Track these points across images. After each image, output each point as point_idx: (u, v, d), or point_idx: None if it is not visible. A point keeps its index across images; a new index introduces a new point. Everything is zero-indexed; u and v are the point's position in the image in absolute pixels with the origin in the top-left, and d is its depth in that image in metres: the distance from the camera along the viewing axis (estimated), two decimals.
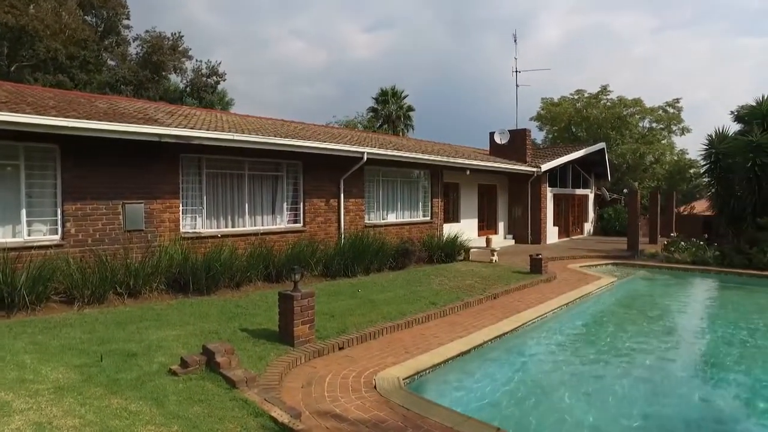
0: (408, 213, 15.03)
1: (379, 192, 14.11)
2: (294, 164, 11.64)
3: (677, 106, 34.45)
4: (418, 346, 6.37)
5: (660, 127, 35.17)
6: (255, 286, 9.24)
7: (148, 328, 6.29)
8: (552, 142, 37.36)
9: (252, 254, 9.64)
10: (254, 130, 10.72)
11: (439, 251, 13.34)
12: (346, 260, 10.78)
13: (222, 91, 37.39)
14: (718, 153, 15.93)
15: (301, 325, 5.98)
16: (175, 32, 34.81)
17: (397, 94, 41.33)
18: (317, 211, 12.03)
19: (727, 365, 6.79)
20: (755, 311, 10.17)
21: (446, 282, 10.44)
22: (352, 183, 12.75)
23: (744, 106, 17.80)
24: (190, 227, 9.85)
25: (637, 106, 34.44)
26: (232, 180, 10.67)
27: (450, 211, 17.60)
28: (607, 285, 11.30)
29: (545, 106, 38.08)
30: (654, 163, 33.70)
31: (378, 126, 40.80)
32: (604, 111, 34.66)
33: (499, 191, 20.45)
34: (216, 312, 7.31)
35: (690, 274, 14.00)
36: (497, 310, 8.44)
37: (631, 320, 9.39)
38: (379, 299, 8.58)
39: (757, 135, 15.06)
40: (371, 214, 13.77)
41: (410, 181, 15.13)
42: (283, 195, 11.54)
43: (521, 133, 20.63)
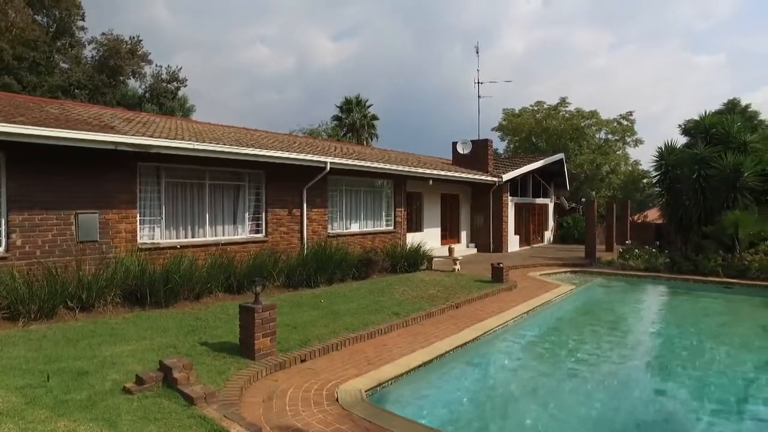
0: (371, 223, 15.06)
1: (343, 202, 14.09)
2: (256, 174, 11.50)
3: (630, 119, 35.94)
4: (380, 357, 6.36)
5: (615, 139, 36.57)
6: (216, 298, 9.06)
7: (101, 343, 6.06)
8: (513, 152, 38.24)
9: (213, 265, 9.45)
10: (216, 139, 10.55)
11: (402, 261, 13.41)
12: (309, 270, 10.70)
13: (183, 97, 36.64)
14: (667, 164, 16.65)
15: (263, 338, 5.89)
16: (134, 36, 33.96)
17: (361, 103, 41.52)
18: (280, 221, 11.91)
19: (676, 368, 7.07)
20: (700, 316, 10.67)
21: (409, 292, 10.49)
22: (315, 193, 12.69)
23: (690, 120, 18.75)
24: (148, 238, 9.57)
25: (594, 118, 35.72)
26: (193, 189, 10.44)
27: (413, 221, 17.73)
28: (566, 293, 11.60)
29: (507, 116, 38.98)
30: (610, 173, 34.96)
31: (342, 135, 40.83)
32: (563, 122, 35.76)
33: (462, 201, 20.76)
34: (174, 325, 7.11)
35: (643, 280, 14.54)
36: (459, 320, 8.54)
37: (589, 327, 9.67)
38: (341, 310, 8.55)
39: (701, 148, 15.87)
40: (334, 224, 13.73)
41: (374, 191, 15.18)
42: (245, 205, 11.38)
43: (483, 143, 21.04)
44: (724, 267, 13.83)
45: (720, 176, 15.24)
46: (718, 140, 16.28)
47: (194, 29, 70.82)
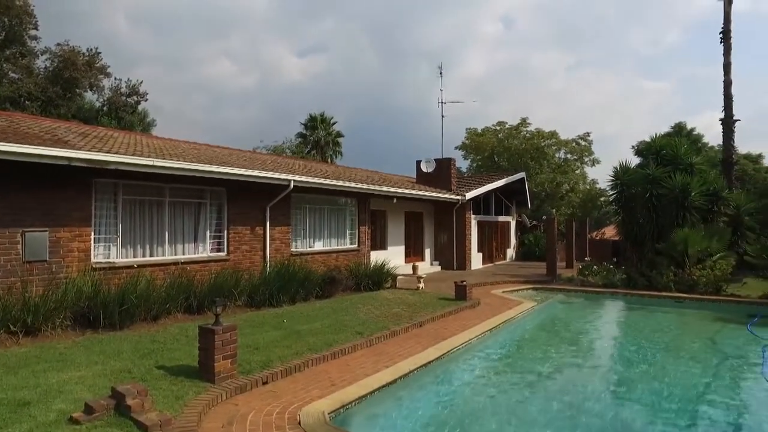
0: (335, 241, 14.98)
1: (306, 219, 13.98)
2: (218, 191, 11.29)
3: (588, 139, 37.30)
4: (344, 377, 6.28)
5: (574, 158, 37.81)
6: (174, 319, 8.77)
7: (46, 370, 5.74)
8: (476, 170, 38.96)
9: (172, 285, 9.18)
10: (177, 156, 10.33)
11: (366, 279, 13.36)
12: (272, 289, 10.53)
13: (143, 112, 35.71)
14: (622, 184, 17.31)
15: (223, 360, 5.72)
16: (92, 47, 33.01)
17: (326, 120, 41.55)
18: (242, 240, 11.70)
19: (633, 381, 7.26)
20: (654, 330, 11.03)
21: (373, 310, 10.44)
22: (278, 210, 12.54)
23: (642, 141, 19.61)
24: (104, 257, 9.21)
25: (554, 138, 36.88)
26: (152, 207, 10.15)
27: (377, 239, 17.74)
28: (527, 310, 11.79)
29: (470, 135, 39.77)
30: (569, 191, 36.06)
31: (306, 152, 40.68)
32: (524, 142, 36.75)
33: (426, 219, 20.93)
34: (129, 348, 6.83)
35: (602, 296, 14.95)
36: (423, 338, 8.54)
37: (550, 344, 9.84)
38: (304, 330, 8.42)
39: (653, 169, 16.61)
40: (298, 242, 13.59)
41: (337, 209, 15.13)
42: (207, 223, 11.13)
43: (446, 162, 21.35)
44: (676, 282, 14.40)
45: (670, 195, 15.95)
46: (668, 161, 17.07)
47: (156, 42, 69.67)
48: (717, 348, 9.45)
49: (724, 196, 17.02)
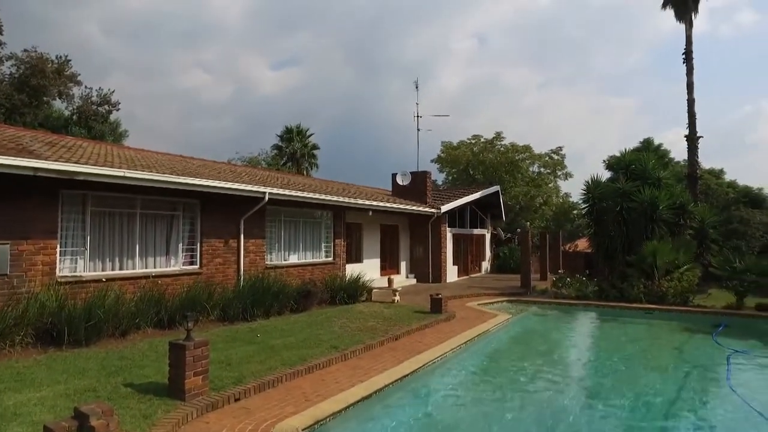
0: (310, 253, 14.87)
1: (281, 232, 13.85)
2: (192, 203, 11.10)
3: (561, 154, 38.10)
4: (318, 392, 6.19)
5: (547, 172, 38.53)
6: (144, 334, 8.54)
7: (3, 391, 5.48)
8: (451, 183, 39.31)
9: (142, 299, 8.96)
10: (149, 167, 10.13)
11: (341, 292, 13.27)
12: (246, 303, 10.37)
13: (115, 121, 34.98)
14: (594, 197, 17.68)
15: (194, 377, 5.58)
16: (62, 55, 32.29)
17: (302, 132, 41.45)
18: (215, 252, 11.50)
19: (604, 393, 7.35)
20: (625, 341, 11.24)
21: (348, 324, 10.36)
22: (253, 223, 12.40)
23: (612, 156, 20.10)
24: (70, 271, 8.93)
25: (527, 152, 37.54)
26: (122, 219, 9.92)
27: (353, 252, 17.67)
28: (502, 322, 11.87)
29: (445, 149, 40.17)
30: (543, 204, 36.66)
31: (282, 164, 40.46)
32: (499, 156, 37.30)
33: (401, 231, 20.97)
34: (95, 366, 6.60)
35: (575, 308, 15.16)
36: (399, 352, 8.50)
37: (525, 356, 9.91)
38: (278, 344, 8.29)
39: (623, 183, 17.03)
40: (272, 255, 13.43)
41: (313, 222, 15.04)
42: (179, 235, 10.92)
43: (422, 175, 21.50)
44: (646, 294, 14.72)
45: (639, 209, 16.36)
46: (637, 176, 17.53)
47: (130, 51, 68.58)
48: (684, 358, 9.66)
49: (690, 210, 17.55)
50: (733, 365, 8.67)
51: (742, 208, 22.46)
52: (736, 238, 20.56)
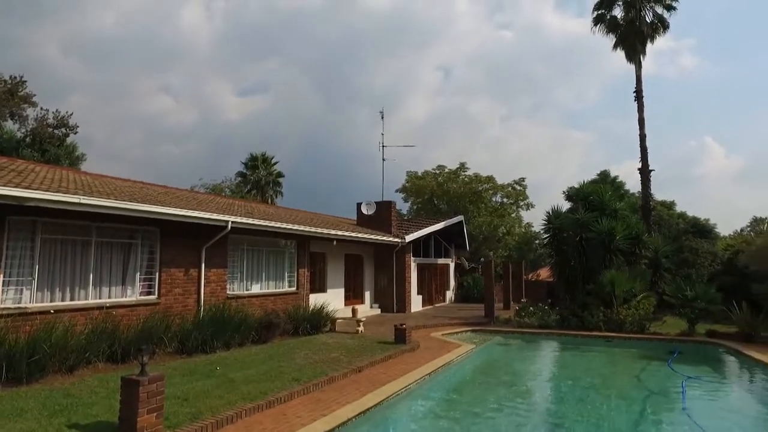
0: (273, 283, 14.60)
1: (244, 262, 13.59)
2: (151, 231, 10.80)
3: (523, 184, 39.05)
4: (279, 428, 5.99)
5: (510, 202, 39.37)
6: (95, 369, 8.11)
7: None
8: (416, 213, 39.62)
9: (94, 331, 8.54)
10: (107, 193, 9.83)
11: (304, 323, 13.04)
12: (205, 335, 10.04)
13: (72, 145, 33.80)
14: (555, 228, 18.15)
15: (147, 414, 5.31)
16: (16, 75, 31.21)
17: (267, 160, 41.20)
18: (175, 282, 11.16)
19: (566, 421, 7.40)
20: (586, 369, 11.42)
21: (311, 356, 10.15)
22: (214, 252, 12.12)
23: (572, 187, 20.76)
24: (14, 302, 8.46)
25: (491, 182, 38.34)
26: (76, 247, 9.52)
27: (317, 281, 17.47)
28: (466, 352, 11.86)
29: (410, 179, 40.58)
30: (506, 234, 37.31)
31: (246, 191, 39.97)
32: (463, 186, 37.93)
33: (366, 261, 20.90)
34: (36, 406, 6.19)
35: (538, 337, 15.34)
36: (362, 384, 8.36)
37: (488, 387, 9.91)
38: (239, 377, 8.03)
39: (582, 213, 17.59)
40: (234, 285, 13.14)
41: (277, 251, 14.83)
42: (137, 264, 10.55)
43: (387, 205, 21.62)
44: (605, 322, 15.06)
45: (598, 239, 16.88)
46: (595, 207, 18.15)
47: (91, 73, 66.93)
48: (643, 385, 9.85)
49: (645, 240, 18.22)
50: (688, 390, 8.95)
51: (692, 238, 23.48)
52: (687, 267, 21.42)
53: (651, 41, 24.39)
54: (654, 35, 24.34)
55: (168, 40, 70.17)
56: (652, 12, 24.20)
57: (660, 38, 24.58)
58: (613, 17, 24.74)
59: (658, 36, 24.44)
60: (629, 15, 24.11)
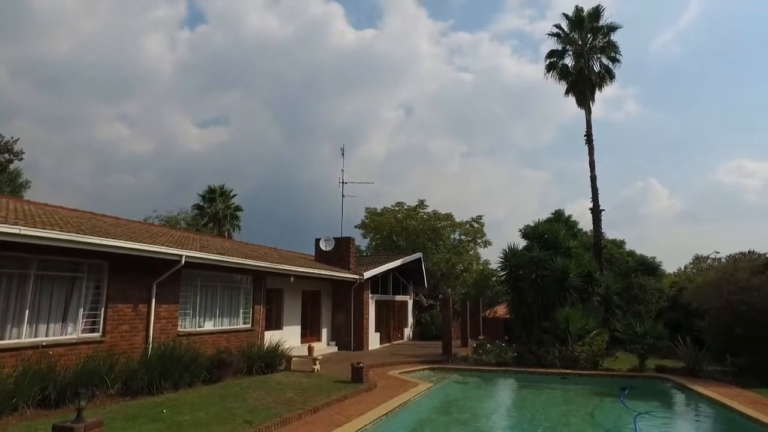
0: (228, 320, 14.13)
1: (197, 297, 13.12)
2: (99, 265, 10.30)
3: (480, 222, 39.89)
4: None
5: (468, 240, 40.01)
6: (22, 417, 7.47)
7: None
8: (375, 249, 39.64)
9: (25, 373, 7.91)
10: (52, 224, 9.35)
11: (259, 361, 12.61)
12: (153, 374, 9.54)
13: (15, 171, 32.33)
14: (511, 265, 18.49)
15: None
16: None
17: (225, 193, 40.56)
18: (122, 318, 10.61)
19: None
20: (542, 407, 11.48)
21: (265, 396, 9.78)
22: (166, 287, 11.67)
23: (528, 226, 21.29)
24: None
25: (449, 220, 38.97)
26: (11, 281, 8.94)
27: (273, 318, 17.04)
28: (423, 391, 11.71)
29: (369, 215, 40.76)
30: (464, 271, 37.72)
31: (203, 224, 39.05)
32: (422, 223, 38.36)
33: (324, 298, 20.59)
34: None
35: (495, 375, 15.36)
36: (317, 426, 8.08)
37: (446, 426, 9.78)
38: (187, 421, 7.62)
39: (537, 251, 18.02)
40: (186, 321, 12.63)
41: (232, 287, 14.42)
42: (81, 299, 9.99)
43: (346, 241, 21.54)
44: (561, 359, 15.26)
45: (552, 277, 17.28)
46: (550, 245, 18.65)
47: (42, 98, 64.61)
48: (596, 422, 9.95)
49: (597, 278, 18.78)
50: (639, 425, 9.14)
51: (640, 275, 24.37)
52: (636, 303, 22.15)
53: (599, 89, 25.81)
54: (602, 83, 25.78)
55: (127, 68, 68.97)
56: (599, 63, 25.71)
57: (607, 86, 26.07)
58: (565, 65, 26.13)
59: (605, 84, 25.89)
60: (579, 64, 25.53)
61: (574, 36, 25.89)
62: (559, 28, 26.11)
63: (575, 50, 25.78)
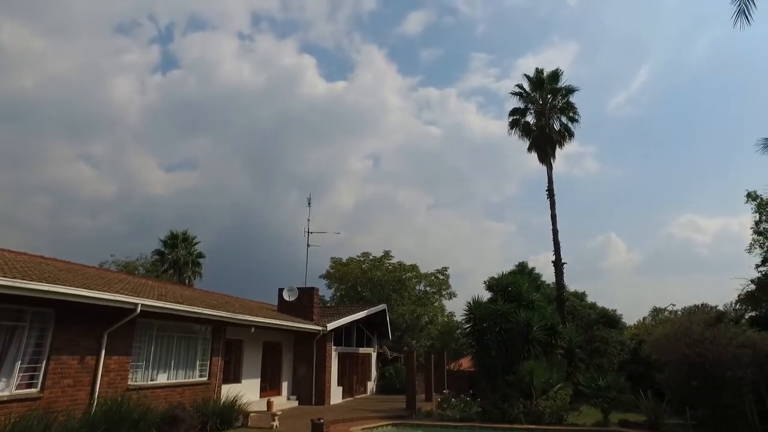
0: (183, 373, 13.43)
1: (152, 348, 12.48)
2: (44, 313, 9.70)
3: (446, 273, 40.01)
4: None
5: (433, 291, 39.94)
6: None
7: None
8: (339, 300, 39.06)
9: None
10: None
11: (214, 417, 11.99)
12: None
13: None
14: (475, 318, 18.45)
15: None
16: None
17: (188, 239, 39.58)
18: (66, 372, 9.93)
19: None
20: None
21: None
22: (119, 337, 11.08)
23: (492, 278, 21.47)
24: None
25: (414, 271, 38.97)
26: None
27: (231, 371, 16.31)
28: None
29: (335, 265, 40.37)
30: (429, 323, 37.43)
31: (163, 270, 37.79)
32: (387, 274, 38.20)
33: (285, 349, 19.95)
34: None
35: (460, 430, 14.95)
36: None
37: None
38: None
39: (501, 304, 18.11)
40: (138, 374, 11.94)
41: (189, 337, 13.82)
42: (20, 351, 9.29)
43: (309, 291, 21.17)
44: (526, 413, 15.04)
45: (516, 329, 17.30)
46: (513, 297, 18.78)
47: None
48: None
49: (560, 331, 18.91)
50: None
51: (602, 327, 24.73)
52: (599, 356, 22.34)
53: (560, 146, 26.98)
54: (562, 141, 26.99)
55: (94, 108, 68.12)
56: (559, 122, 27.02)
57: (568, 144, 27.28)
58: (527, 123, 27.32)
59: (565, 142, 27.11)
60: (540, 122, 26.75)
61: (535, 96, 27.26)
62: (522, 88, 27.49)
63: (537, 109, 27.07)
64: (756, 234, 18.80)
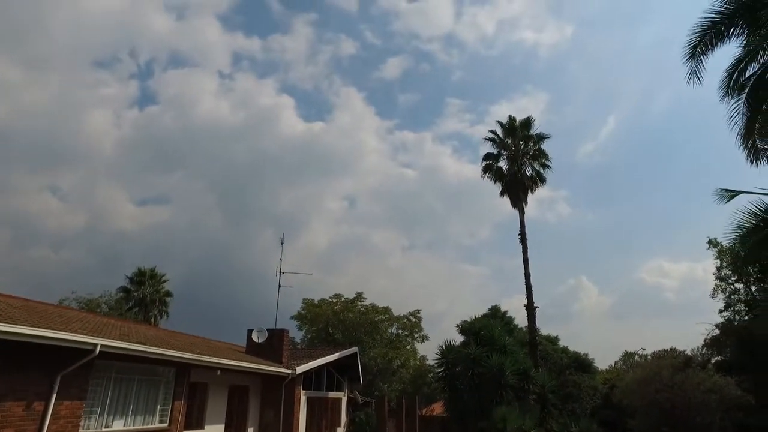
0: (141, 418, 12.73)
1: (109, 392, 11.82)
2: None
3: (418, 316, 39.65)
4: None
5: (405, 334, 39.41)
6: None
7: None
8: (310, 342, 38.17)
9: None
10: None
11: None
12: None
13: None
14: (448, 362, 18.25)
15: None
16: None
17: (156, 276, 38.49)
18: (7, 420, 9.20)
19: None
20: None
21: None
22: (73, 380, 10.46)
23: (465, 321, 21.39)
24: None
25: (387, 314, 38.52)
26: None
27: (194, 416, 15.55)
28: None
29: (306, 306, 39.64)
30: (401, 367, 36.73)
31: (128, 309, 36.49)
32: (359, 316, 37.64)
33: (252, 393, 19.21)
34: None
35: None
36: None
37: None
38: None
39: (474, 348, 17.98)
40: (92, 421, 11.24)
41: (151, 380, 13.17)
42: None
43: (279, 333, 20.61)
44: None
45: (489, 374, 17.13)
46: (486, 342, 18.69)
47: None
48: None
49: (532, 376, 18.78)
50: None
51: (574, 372, 24.68)
52: (571, 401, 22.18)
53: (532, 191, 27.60)
54: (534, 187, 27.64)
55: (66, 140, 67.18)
56: (531, 168, 27.73)
57: (540, 189, 27.94)
58: (499, 168, 27.94)
59: (537, 187, 27.77)
60: (513, 168, 27.41)
61: (508, 142, 28.06)
62: (495, 134, 28.29)
63: (509, 155, 27.79)
64: (718, 279, 19.33)
